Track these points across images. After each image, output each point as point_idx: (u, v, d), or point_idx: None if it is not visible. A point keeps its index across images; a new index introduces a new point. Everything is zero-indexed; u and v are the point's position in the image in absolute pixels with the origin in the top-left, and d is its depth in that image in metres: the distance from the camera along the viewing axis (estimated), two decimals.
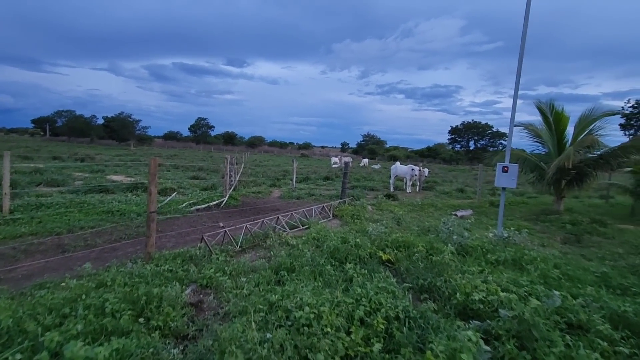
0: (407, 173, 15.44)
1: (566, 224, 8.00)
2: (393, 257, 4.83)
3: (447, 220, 6.09)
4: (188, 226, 7.18)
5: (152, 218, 4.33)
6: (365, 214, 8.52)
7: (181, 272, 3.91)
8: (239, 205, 10.10)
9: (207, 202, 9.48)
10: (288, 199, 11.71)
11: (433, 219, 8.73)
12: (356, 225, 7.27)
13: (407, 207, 10.30)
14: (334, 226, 7.61)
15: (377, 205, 10.12)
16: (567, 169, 8.59)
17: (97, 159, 23.31)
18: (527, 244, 5.68)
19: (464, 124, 73.93)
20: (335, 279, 3.80)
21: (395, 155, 63.59)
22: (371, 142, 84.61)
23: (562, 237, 7.11)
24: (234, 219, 8.09)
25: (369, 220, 8.06)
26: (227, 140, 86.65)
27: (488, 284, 3.47)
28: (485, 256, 4.82)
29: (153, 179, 4.27)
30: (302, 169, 25.46)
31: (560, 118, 9.06)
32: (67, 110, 68.66)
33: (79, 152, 25.38)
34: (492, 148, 71.47)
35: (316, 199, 11.80)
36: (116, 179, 12.92)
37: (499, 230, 6.64)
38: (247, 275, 4.16)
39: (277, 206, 10.10)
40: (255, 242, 5.73)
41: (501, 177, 6.48)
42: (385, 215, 9.02)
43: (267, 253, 5.25)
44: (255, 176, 18.90)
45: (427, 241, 5.31)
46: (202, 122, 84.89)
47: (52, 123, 68.71)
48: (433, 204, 10.93)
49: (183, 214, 8.24)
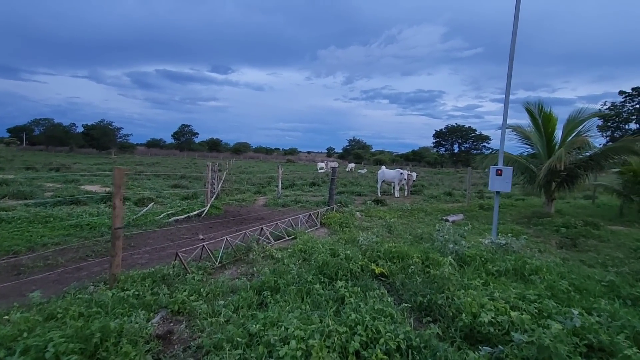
0: (395, 177, 15.19)
1: (560, 227, 7.81)
2: (387, 270, 4.45)
3: (441, 227, 5.77)
4: (165, 240, 6.64)
5: (118, 235, 3.83)
6: (354, 221, 8.15)
7: (149, 297, 3.42)
8: (222, 214, 9.58)
9: (187, 213, 8.94)
10: (273, 207, 11.25)
11: (425, 224, 8.44)
12: (345, 234, 6.88)
13: (397, 212, 9.99)
14: (322, 235, 7.21)
15: (365, 212, 9.78)
16: (558, 171, 8.44)
17: (74, 168, 22.31)
18: (525, 251, 5.39)
19: (447, 128, 74.90)
20: (324, 300, 3.38)
21: (381, 160, 63.83)
22: (357, 146, 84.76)
23: (557, 241, 6.89)
24: (216, 230, 7.59)
25: (359, 228, 7.69)
26: (212, 147, 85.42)
27: (495, 301, 3.13)
28: (485, 266, 4.49)
29: (118, 192, 3.78)
30: (288, 174, 25.01)
31: (549, 119, 8.94)
32: (44, 119, 66.74)
33: (55, 161, 24.24)
34: (476, 151, 72.58)
35: (303, 206, 11.38)
36: (91, 190, 12.20)
37: (494, 236, 6.37)
38: (226, 296, 3.70)
39: (262, 215, 9.63)
40: (236, 256, 5.27)
41: (495, 181, 6.21)
42: (375, 222, 8.67)
43: (250, 269, 4.80)
44: (240, 183, 18.37)
45: (422, 251, 4.96)
46: (186, 129, 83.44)
47: (29, 132, 66.61)
48: (423, 208, 10.66)
49: (160, 226, 7.69)
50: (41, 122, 66.70)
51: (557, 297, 3.50)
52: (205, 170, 12.47)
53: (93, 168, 24.75)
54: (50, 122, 65.50)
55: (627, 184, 9.78)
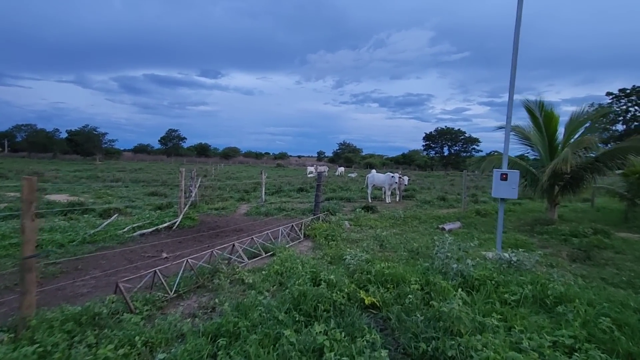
0: (386, 182, 14.43)
1: (567, 236, 7.10)
2: (379, 300, 3.64)
3: (440, 240, 4.98)
4: (122, 260, 5.71)
5: (28, 266, 2.93)
6: (341, 232, 7.32)
7: (59, 355, 2.53)
8: (196, 226, 8.67)
9: (156, 225, 8.00)
10: (255, 216, 10.36)
11: (420, 235, 7.66)
12: (331, 248, 6.05)
13: (389, 221, 9.20)
14: (305, 251, 6.36)
15: (355, 221, 8.96)
16: (562, 174, 7.78)
17: (47, 176, 21.03)
18: (539, 268, 4.64)
19: (437, 131, 74.86)
20: (297, 352, 2.54)
21: (372, 163, 63.27)
22: (347, 150, 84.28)
23: (568, 253, 6.17)
24: (186, 246, 6.68)
25: (347, 240, 6.87)
26: (200, 152, 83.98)
27: (525, 353, 2.33)
28: (498, 292, 3.71)
29: (28, 209, 2.89)
30: (276, 179, 24.11)
31: (550, 119, 8.28)
32: (27, 124, 64.87)
33: (28, 168, 22.88)
34: (465, 153, 72.66)
35: (287, 214, 10.52)
36: (55, 200, 11.14)
37: (499, 249, 5.62)
38: (169, 346, 2.83)
39: (241, 226, 8.74)
40: (199, 282, 4.39)
41: (499, 186, 5.47)
42: (365, 232, 7.86)
43: (213, 299, 3.92)
44: (224, 189, 17.42)
45: (420, 273, 4.17)
46: (173, 134, 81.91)
47: (11, 138, 64.42)
48: (416, 215, 9.89)
49: (121, 243, 6.75)
50: (23, 127, 64.76)
51: (598, 339, 2.72)
52: (186, 177, 11.53)
53: (69, 175, 23.54)
54: (33, 127, 63.66)
55: (632, 187, 9.17)
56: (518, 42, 5.45)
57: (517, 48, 5.45)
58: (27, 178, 2.93)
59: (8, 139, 64.31)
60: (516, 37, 5.43)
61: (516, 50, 5.45)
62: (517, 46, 5.45)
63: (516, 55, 5.45)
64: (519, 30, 5.43)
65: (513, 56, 5.48)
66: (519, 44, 5.42)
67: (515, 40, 5.44)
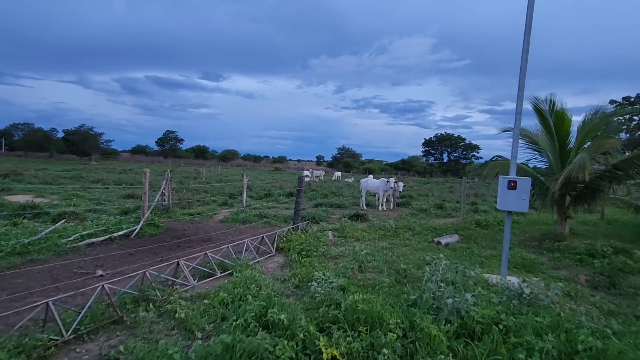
0: (380, 187, 13.42)
1: (583, 255, 6.09)
2: (343, 352, 2.63)
3: (434, 263, 3.98)
4: (43, 279, 4.68)
5: None
6: (321, 246, 6.29)
7: None
8: (159, 234, 7.65)
9: (110, 233, 6.99)
10: (231, 223, 9.34)
11: (412, 249, 6.64)
12: (303, 267, 5.04)
13: (378, 232, 8.18)
14: (272, 269, 5.34)
15: (340, 231, 7.95)
16: (575, 182, 6.79)
17: (26, 175, 20.00)
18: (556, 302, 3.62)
19: (437, 137, 73.97)
20: None
21: (370, 168, 62.37)
22: (346, 155, 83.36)
23: (587, 278, 5.16)
24: (136, 260, 5.67)
25: (324, 256, 5.86)
26: (198, 154, 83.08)
27: None
28: (507, 342, 2.70)
29: None
30: (268, 183, 23.14)
31: (562, 120, 7.27)
32: (24, 124, 64.30)
33: (5, 167, 21.82)
34: (465, 160, 71.69)
35: (267, 222, 9.51)
36: (14, 200, 10.12)
37: (504, 274, 4.62)
38: None
39: (211, 235, 7.73)
40: (117, 314, 3.37)
41: (506, 197, 4.48)
42: (350, 245, 6.85)
43: (124, 341, 2.91)
44: (210, 192, 16.42)
45: (404, 311, 3.16)
46: (171, 136, 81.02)
47: (9, 137, 63.71)
48: (410, 226, 8.87)
49: (58, 254, 5.73)
50: (20, 126, 64.15)
51: None
52: (163, 179, 10.57)
53: (53, 175, 22.55)
54: (30, 126, 62.99)
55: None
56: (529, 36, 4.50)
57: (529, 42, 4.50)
58: None
59: (5, 138, 63.60)
60: (527, 33, 4.48)
61: (527, 43, 4.49)
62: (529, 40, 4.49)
63: (527, 50, 4.50)
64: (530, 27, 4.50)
65: (524, 50, 4.53)
66: (526, 48, 4.52)
67: (527, 35, 4.49)
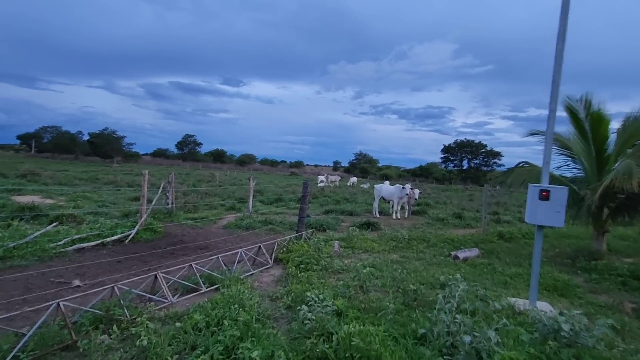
0: (395, 194, 12.69)
1: (627, 278, 5.26)
2: None
3: (449, 286, 3.34)
4: (19, 287, 4.30)
5: None
6: (323, 257, 5.70)
7: None
8: (155, 239, 7.25)
9: (103, 237, 6.63)
10: (234, 229, 8.88)
11: (425, 264, 5.96)
12: (299, 283, 4.47)
13: (389, 243, 7.52)
14: (266, 284, 4.79)
15: (347, 241, 7.34)
16: (615, 193, 5.96)
17: (43, 175, 20.31)
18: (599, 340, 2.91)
19: (456, 143, 71.81)
20: None
21: (388, 174, 61.34)
22: (363, 160, 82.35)
23: (634, 306, 4.36)
24: (120, 268, 5.25)
25: (326, 270, 5.27)
26: (216, 158, 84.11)
27: None
28: None
29: None
30: (281, 188, 22.72)
31: (599, 122, 6.41)
32: (52, 126, 66.62)
33: (23, 167, 22.27)
34: (486, 167, 69.31)
35: (272, 229, 9.00)
36: (20, 201, 10.00)
37: (533, 301, 3.91)
38: None
39: (209, 242, 7.27)
40: (71, 338, 2.89)
41: (537, 208, 3.78)
42: (357, 257, 6.24)
43: None
44: (220, 196, 16.11)
45: (409, 350, 2.55)
46: (189, 139, 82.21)
47: (39, 139, 66.43)
48: (424, 237, 8.15)
49: (42, 260, 5.37)
50: (49, 129, 66.58)
51: None
52: (164, 182, 10.27)
53: (69, 177, 22.89)
54: (58, 129, 65.29)
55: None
56: (566, 19, 3.83)
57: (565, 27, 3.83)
58: None
59: (35, 140, 66.25)
60: (563, 16, 3.82)
61: (564, 27, 3.82)
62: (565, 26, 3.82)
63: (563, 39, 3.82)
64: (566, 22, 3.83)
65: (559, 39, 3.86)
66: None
67: (563, 18, 3.83)
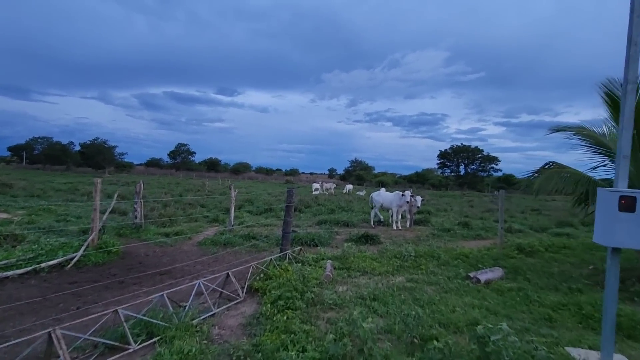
0: (394, 202, 11.47)
1: None
2: None
3: (492, 344, 2.11)
4: None
5: None
6: (310, 286, 4.43)
7: None
8: (108, 263, 5.95)
9: (39, 262, 5.32)
10: (210, 246, 7.59)
11: (440, 291, 4.70)
12: (273, 332, 3.20)
13: (392, 261, 6.26)
14: (228, 332, 3.50)
15: (342, 260, 6.08)
16: None
17: (16, 187, 18.86)
18: None
19: (453, 148, 71.17)
20: None
21: (383, 181, 60.20)
22: (359, 168, 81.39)
23: None
24: (39, 309, 3.95)
25: (315, 305, 4.00)
26: (210, 167, 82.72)
27: None
28: None
29: None
30: (273, 197, 21.41)
31: None
32: (43, 137, 65.60)
33: None
34: (483, 173, 68.57)
35: (255, 245, 7.72)
36: None
37: (607, 355, 2.68)
38: None
39: (175, 265, 5.97)
40: None
41: (615, 223, 2.58)
42: (352, 282, 4.98)
43: None
44: (206, 207, 14.82)
45: None
46: (182, 148, 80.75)
47: (30, 150, 65.11)
48: (433, 253, 6.90)
49: None
50: (40, 140, 65.36)
51: None
52: (134, 190, 8.75)
53: (50, 187, 21.52)
54: (49, 140, 64.04)
55: None
56: None
57: None
58: None
59: (26, 151, 64.78)
60: None
61: None
62: None
63: None
64: None
65: None
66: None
67: None
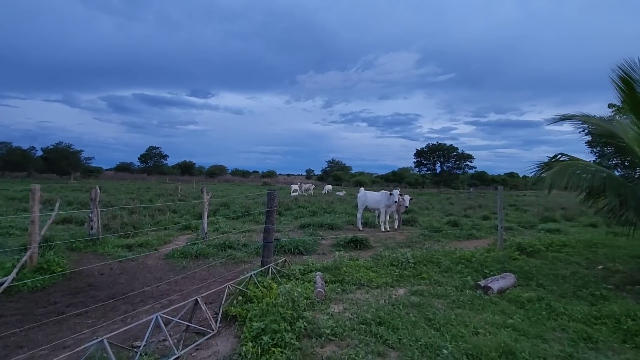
0: (382, 202, 10.81)
1: None
2: None
3: None
4: None
5: None
6: (300, 309, 3.60)
7: None
8: (48, 286, 4.88)
9: None
10: (179, 259, 6.60)
11: (451, 305, 3.99)
12: None
13: (389, 270, 5.51)
14: None
15: (333, 271, 5.28)
16: None
17: None
18: None
19: (429, 147, 72.10)
20: None
21: (361, 181, 60.15)
22: (336, 168, 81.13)
23: None
24: None
25: (308, 336, 3.17)
26: (184, 170, 79.75)
27: None
28: None
29: None
30: (251, 200, 20.34)
31: None
32: (2, 143, 61.00)
33: None
34: (459, 170, 69.86)
35: (232, 256, 6.79)
36: None
37: None
38: None
39: (135, 287, 4.98)
40: None
41: None
42: (348, 299, 4.19)
43: None
44: (179, 212, 13.63)
45: None
46: (154, 152, 77.49)
47: None
48: (432, 257, 6.22)
49: None
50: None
51: None
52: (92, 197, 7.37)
53: (2, 195, 19.54)
54: (8, 145, 59.78)
55: None
56: None
57: None
58: None
59: None
60: None
61: None
62: None
63: None
64: None
65: None
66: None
67: None
